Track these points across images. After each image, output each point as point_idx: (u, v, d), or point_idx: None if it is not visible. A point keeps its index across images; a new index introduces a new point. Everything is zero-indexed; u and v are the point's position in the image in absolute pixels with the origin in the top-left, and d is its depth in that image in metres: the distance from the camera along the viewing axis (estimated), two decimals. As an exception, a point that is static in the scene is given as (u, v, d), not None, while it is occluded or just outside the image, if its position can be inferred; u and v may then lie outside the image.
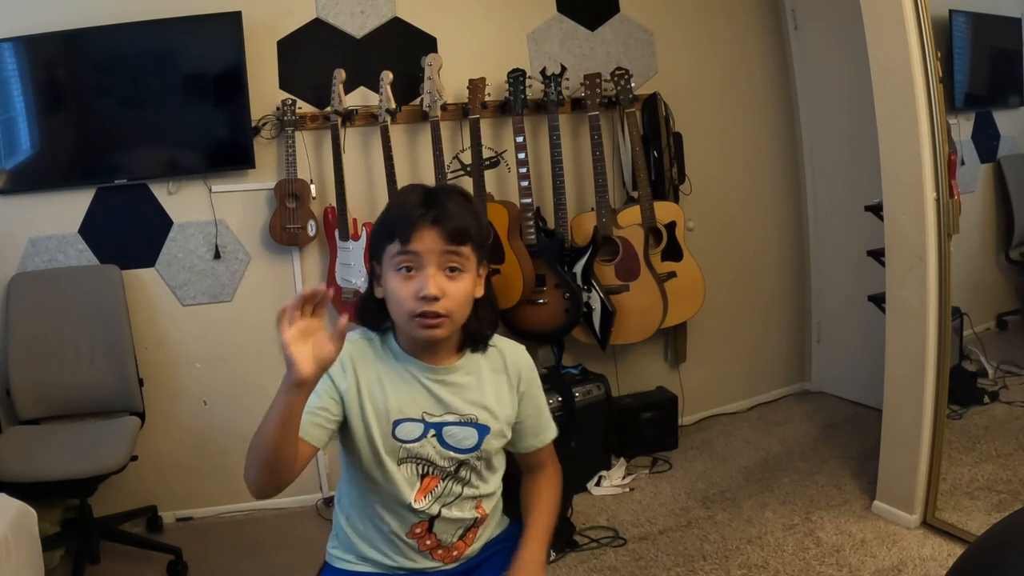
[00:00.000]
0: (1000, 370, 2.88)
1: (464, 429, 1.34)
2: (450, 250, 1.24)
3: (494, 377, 1.39)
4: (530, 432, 1.45)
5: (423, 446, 1.32)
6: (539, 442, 1.46)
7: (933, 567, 2.24)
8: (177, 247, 2.87)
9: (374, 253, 1.33)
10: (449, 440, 1.34)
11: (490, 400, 1.37)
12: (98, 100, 2.72)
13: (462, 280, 1.26)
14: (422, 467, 1.34)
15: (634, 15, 3.32)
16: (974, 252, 2.92)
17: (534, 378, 1.45)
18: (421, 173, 3.02)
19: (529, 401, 1.43)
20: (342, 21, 2.94)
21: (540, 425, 1.46)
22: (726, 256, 3.54)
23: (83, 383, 2.65)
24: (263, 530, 2.85)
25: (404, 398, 1.32)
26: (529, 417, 1.44)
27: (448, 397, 1.34)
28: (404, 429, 1.31)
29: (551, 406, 2.82)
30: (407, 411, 1.32)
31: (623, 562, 2.47)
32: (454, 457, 1.35)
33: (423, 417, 1.33)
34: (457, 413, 1.34)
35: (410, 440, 1.32)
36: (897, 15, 2.24)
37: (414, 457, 1.33)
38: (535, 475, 1.49)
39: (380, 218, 1.33)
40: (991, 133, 2.94)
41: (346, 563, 1.44)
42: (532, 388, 1.44)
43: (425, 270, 1.24)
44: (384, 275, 1.30)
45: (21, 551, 1.81)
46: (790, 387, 3.82)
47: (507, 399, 1.40)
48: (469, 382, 1.36)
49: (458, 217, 1.25)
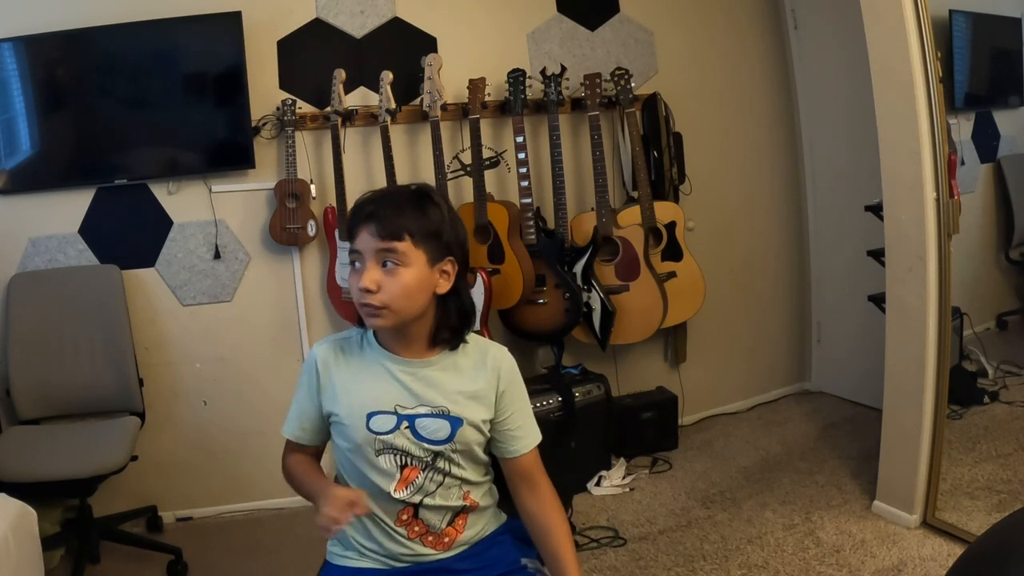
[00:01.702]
0: (1000, 370, 2.88)
1: (436, 421, 1.38)
2: (384, 247, 1.31)
3: (473, 373, 1.42)
4: (511, 435, 1.45)
5: (396, 437, 1.37)
6: (523, 447, 1.46)
7: (933, 567, 2.24)
8: (177, 247, 2.87)
9: None
10: (422, 432, 1.38)
11: (465, 393, 1.40)
12: (98, 100, 2.72)
13: (399, 274, 1.32)
14: (400, 457, 1.38)
15: (634, 15, 3.32)
16: (974, 252, 2.92)
17: (516, 379, 1.47)
18: (421, 173, 3.02)
19: (510, 401, 1.44)
20: (342, 21, 2.94)
21: (523, 427, 1.46)
22: (726, 256, 3.54)
23: (83, 383, 2.65)
24: (263, 530, 2.85)
25: (377, 391, 1.38)
26: (509, 419, 1.44)
27: (421, 390, 1.38)
28: (377, 421, 1.37)
29: (551, 406, 2.88)
30: (380, 404, 1.38)
31: (623, 562, 2.47)
32: (428, 448, 1.38)
33: (395, 409, 1.38)
34: (429, 405, 1.38)
35: (384, 432, 1.37)
36: (897, 15, 2.24)
37: (390, 448, 1.38)
38: (532, 495, 1.47)
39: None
40: (991, 133, 2.94)
41: (346, 559, 1.46)
42: (513, 388, 1.45)
43: (365, 266, 1.33)
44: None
45: (21, 551, 1.81)
46: (790, 387, 3.82)
47: (484, 395, 1.42)
48: (444, 376, 1.41)
49: (393, 216, 1.32)
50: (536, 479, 1.47)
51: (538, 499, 1.46)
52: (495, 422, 1.43)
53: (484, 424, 1.41)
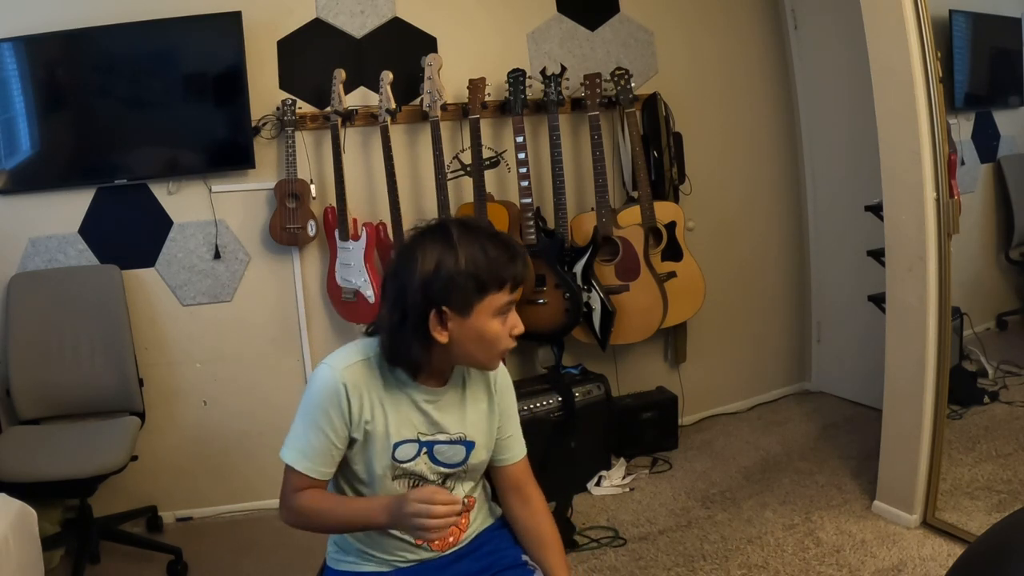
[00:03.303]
0: (1000, 370, 2.88)
1: (453, 447, 1.40)
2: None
3: (476, 392, 1.45)
4: (502, 444, 1.47)
5: (416, 464, 1.38)
6: (512, 456, 1.49)
7: (933, 567, 2.24)
8: (177, 247, 2.87)
9: (449, 299, 1.29)
10: (439, 457, 1.39)
11: (474, 416, 1.43)
12: (98, 100, 2.72)
13: None
14: (412, 481, 1.39)
15: (634, 15, 3.32)
16: (974, 252, 2.92)
17: (509, 387, 1.50)
18: (421, 173, 3.02)
19: (503, 408, 1.47)
20: (342, 21, 2.94)
21: (514, 437, 1.50)
22: (726, 256, 3.54)
23: (83, 383, 2.65)
24: (263, 530, 2.85)
25: (402, 420, 1.37)
26: (503, 428, 1.47)
27: (440, 418, 1.39)
28: (402, 451, 1.37)
29: (551, 406, 2.88)
30: (404, 433, 1.37)
31: (623, 562, 2.47)
32: (442, 472, 1.40)
33: (418, 437, 1.38)
34: (447, 432, 1.39)
35: (406, 460, 1.37)
36: (897, 15, 2.24)
37: (407, 474, 1.38)
38: (525, 506, 1.49)
39: (470, 269, 1.28)
40: (991, 133, 2.94)
41: (348, 564, 1.46)
42: (506, 395, 1.48)
43: (513, 310, 1.34)
44: (475, 321, 1.30)
45: (21, 551, 1.81)
46: (790, 387, 3.82)
47: (487, 411, 1.45)
48: (456, 400, 1.42)
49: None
50: (527, 490, 1.50)
51: (530, 511, 1.48)
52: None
53: (492, 440, 1.44)
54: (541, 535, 1.47)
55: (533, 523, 1.48)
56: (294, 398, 1.44)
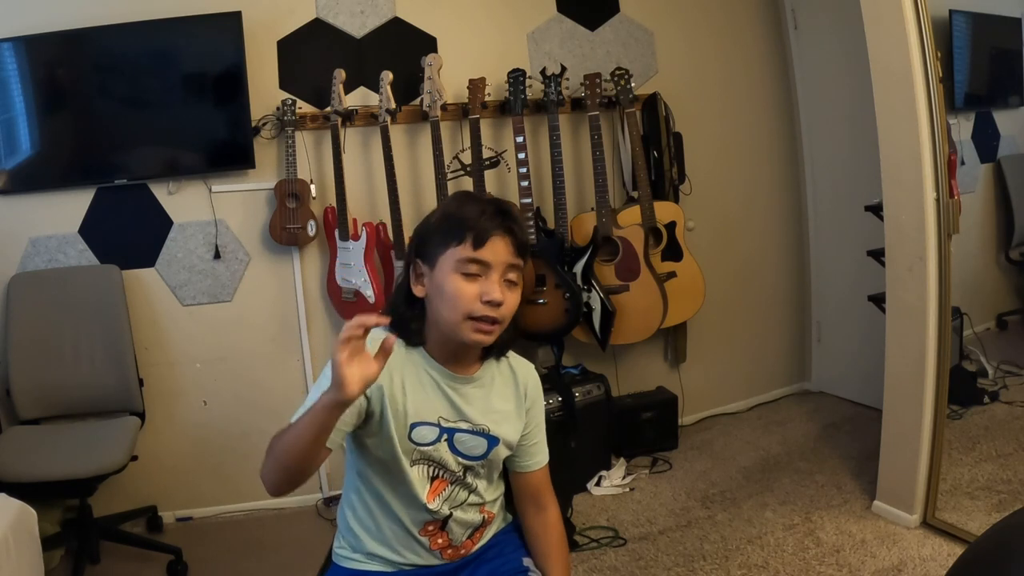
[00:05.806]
0: (1000, 370, 2.88)
1: (475, 438, 1.38)
2: (514, 263, 1.30)
3: (505, 391, 1.44)
4: (526, 450, 1.47)
5: (436, 449, 1.36)
6: (535, 463, 1.49)
7: (933, 567, 2.24)
8: (177, 247, 2.87)
9: (422, 251, 1.33)
10: (459, 447, 1.38)
11: (501, 412, 1.42)
12: (98, 100, 2.72)
13: (516, 293, 1.32)
14: (433, 469, 1.37)
15: (634, 15, 3.32)
16: (974, 252, 2.92)
17: (539, 397, 1.49)
18: (421, 173, 3.03)
19: (532, 417, 1.47)
20: (342, 21, 2.94)
21: (539, 444, 1.50)
22: (726, 256, 3.54)
23: (83, 383, 2.65)
24: (263, 530, 2.85)
25: (423, 402, 1.35)
26: (529, 434, 1.47)
27: (464, 406, 1.37)
28: (420, 432, 1.34)
29: (551, 406, 2.88)
30: (424, 415, 1.35)
31: (623, 562, 2.47)
32: (463, 463, 1.39)
33: (439, 422, 1.36)
34: (471, 422, 1.38)
35: (424, 443, 1.35)
36: (897, 15, 2.24)
37: (427, 459, 1.36)
38: (539, 516, 1.50)
39: (440, 219, 1.33)
40: (991, 133, 2.93)
41: (354, 562, 1.45)
42: (536, 406, 1.48)
43: (490, 277, 1.27)
44: (438, 274, 1.29)
45: (21, 551, 1.81)
46: (790, 387, 3.82)
47: (515, 414, 1.44)
48: (484, 393, 1.40)
49: (522, 232, 1.32)
50: (544, 501, 1.50)
51: (543, 522, 1.49)
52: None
53: (514, 441, 1.43)
54: (549, 545, 1.47)
55: (543, 532, 1.48)
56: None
